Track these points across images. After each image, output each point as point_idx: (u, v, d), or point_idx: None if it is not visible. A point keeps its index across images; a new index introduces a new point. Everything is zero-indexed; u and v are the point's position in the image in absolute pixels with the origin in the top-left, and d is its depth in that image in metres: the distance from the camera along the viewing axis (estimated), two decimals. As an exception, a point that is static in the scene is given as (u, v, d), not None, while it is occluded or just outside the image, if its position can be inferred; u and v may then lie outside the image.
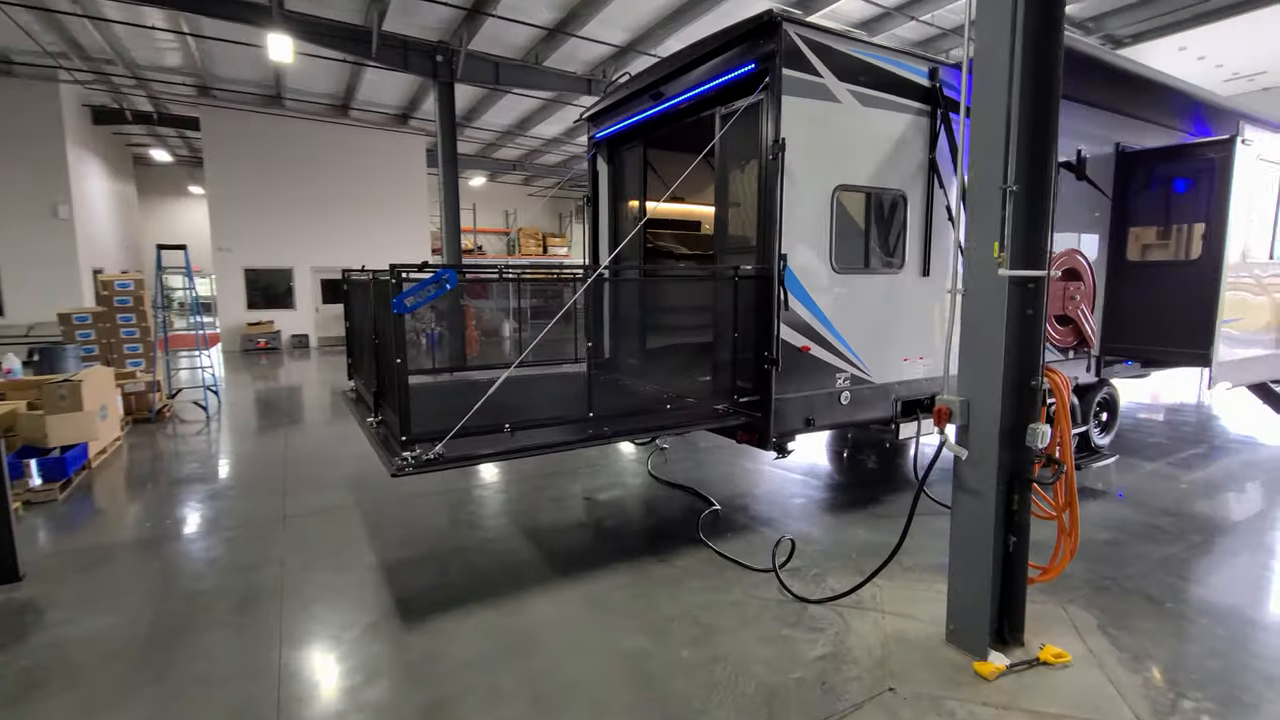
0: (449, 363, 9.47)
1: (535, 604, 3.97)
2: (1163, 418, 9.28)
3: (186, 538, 5.03)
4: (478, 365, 6.16)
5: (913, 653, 3.41)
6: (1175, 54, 12.55)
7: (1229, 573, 4.43)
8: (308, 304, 19.55)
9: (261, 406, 10.52)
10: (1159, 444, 7.71)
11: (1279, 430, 8.13)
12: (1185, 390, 11.02)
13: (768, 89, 4.40)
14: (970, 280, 3.20)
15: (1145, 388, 10.58)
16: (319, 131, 18.89)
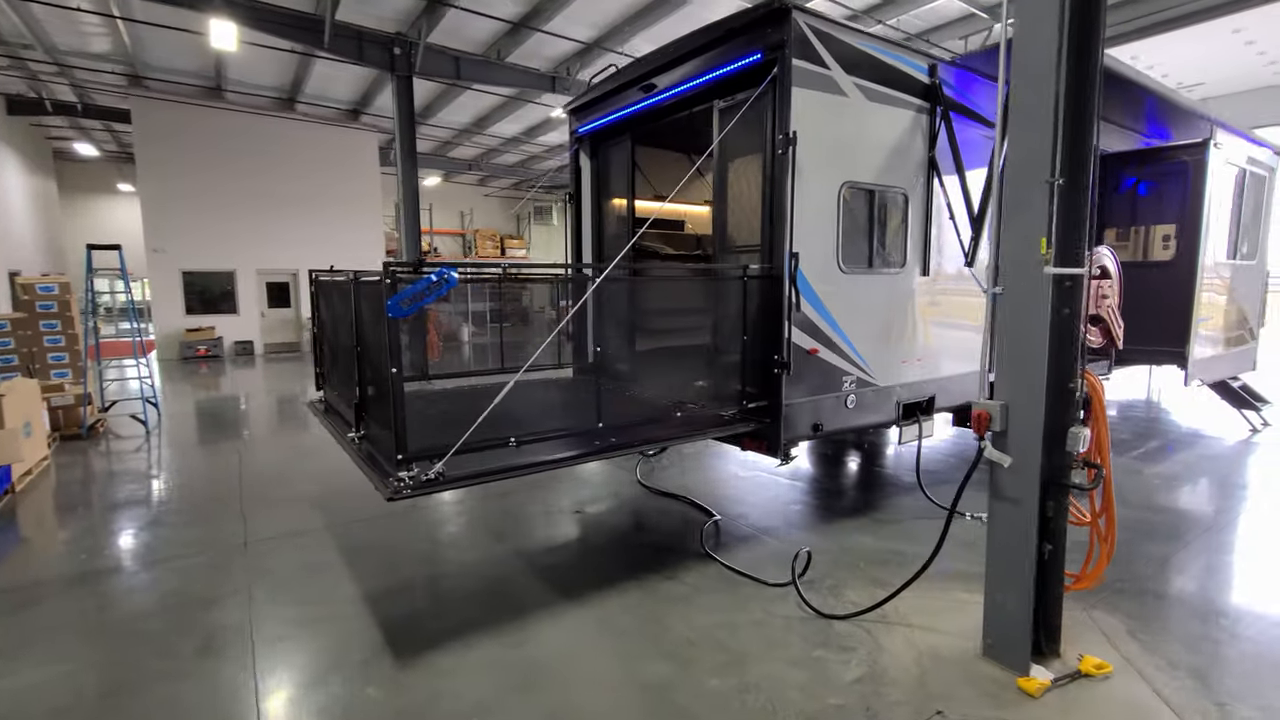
0: (411, 370, 8.95)
1: (540, 632, 3.65)
2: (1116, 413, 9.55)
3: (132, 570, 4.49)
4: (451, 374, 5.75)
5: (950, 670, 3.25)
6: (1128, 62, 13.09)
7: (1231, 570, 4.47)
8: (252, 309, 18.47)
9: (207, 420, 9.75)
10: (1121, 440, 7.87)
11: (1224, 424, 8.45)
12: (1136, 388, 11.44)
13: (775, 80, 4.21)
14: (1008, 279, 3.07)
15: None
16: (264, 126, 17.89)
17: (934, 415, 5.48)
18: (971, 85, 5.37)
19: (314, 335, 5.28)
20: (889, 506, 5.61)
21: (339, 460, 7.30)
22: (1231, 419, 8.55)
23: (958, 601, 3.91)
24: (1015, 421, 3.08)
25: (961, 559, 4.52)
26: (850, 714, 2.93)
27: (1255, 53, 11.91)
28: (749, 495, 6.00)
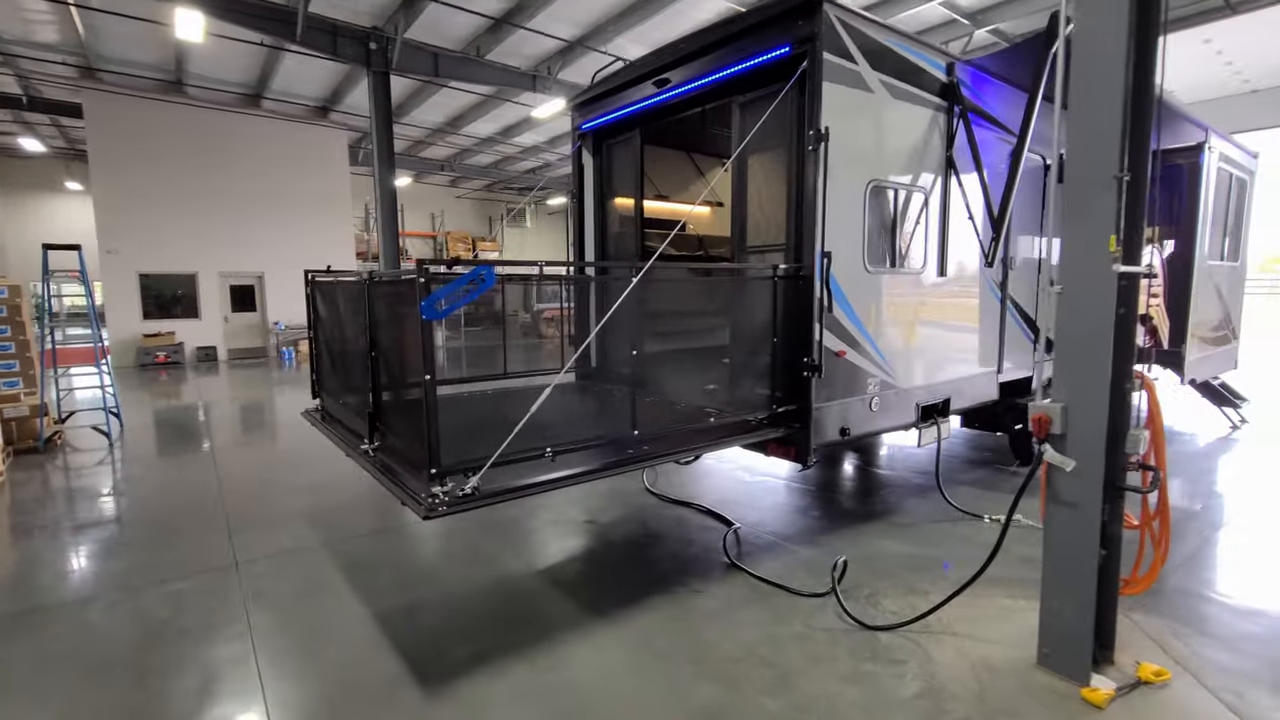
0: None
1: (574, 653, 3.43)
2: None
3: (113, 600, 4.10)
4: (456, 379, 5.47)
5: (1008, 681, 3.15)
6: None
7: (1257, 567, 4.49)
8: (215, 313, 17.68)
9: (174, 430, 9.21)
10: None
11: (1202, 422, 8.67)
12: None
13: (805, 74, 4.08)
14: (1069, 277, 2.98)
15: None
16: (227, 123, 17.17)
17: (950, 417, 5.44)
18: (984, 86, 5.35)
19: (310, 339, 4.94)
20: (905, 510, 5.53)
21: (329, 472, 6.94)
22: (1209, 417, 8.78)
23: (1001, 608, 3.83)
24: (1075, 424, 2.99)
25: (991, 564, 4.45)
26: (917, 734, 2.79)
27: (1223, 62, 12.36)
28: (760, 501, 5.86)
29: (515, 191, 30.33)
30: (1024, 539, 4.87)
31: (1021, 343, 6.19)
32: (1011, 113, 5.65)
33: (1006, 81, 5.56)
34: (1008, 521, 3.35)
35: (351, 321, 3.89)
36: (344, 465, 7.27)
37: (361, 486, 6.50)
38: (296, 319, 18.68)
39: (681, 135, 6.93)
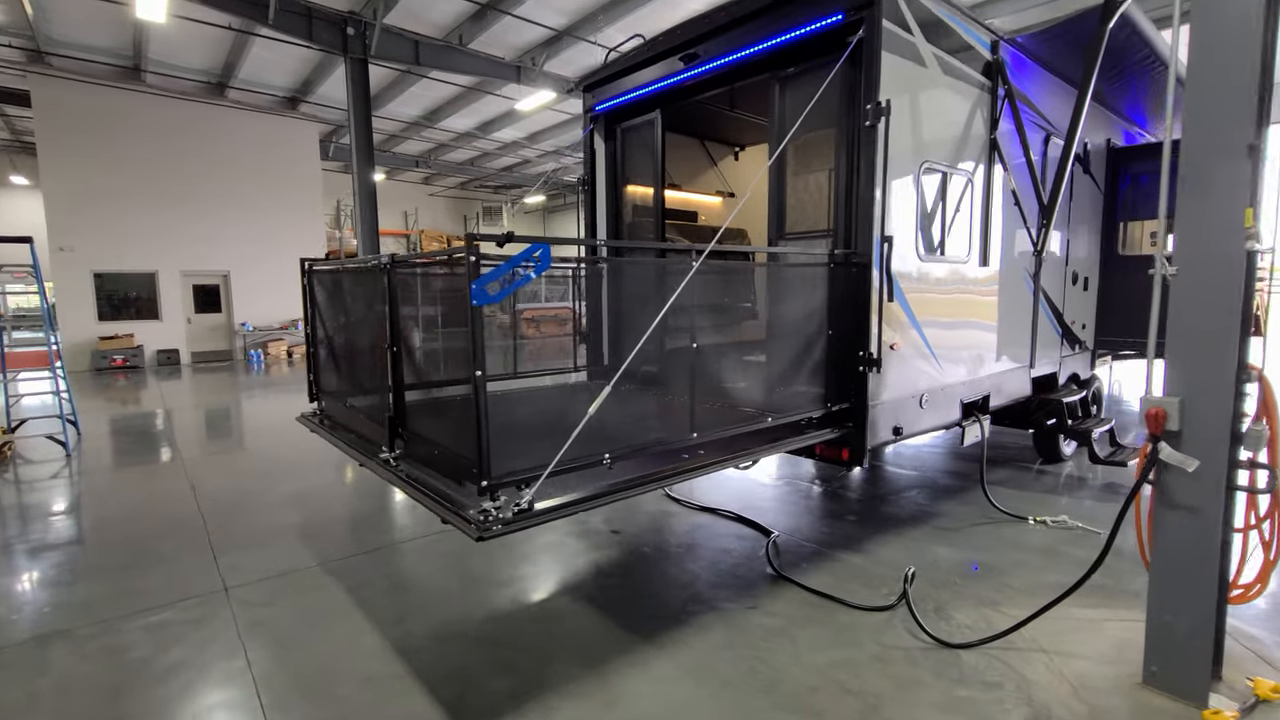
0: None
1: (629, 686, 3.03)
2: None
3: (83, 634, 3.55)
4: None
5: (1116, 704, 2.86)
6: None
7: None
8: (177, 314, 16.73)
9: (136, 439, 8.49)
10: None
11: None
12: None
13: (862, 43, 3.76)
14: (1187, 258, 2.71)
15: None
16: (190, 113, 16.26)
17: (989, 414, 5.18)
18: (1023, 67, 5.12)
19: (307, 336, 4.43)
20: (943, 512, 5.26)
21: (314, 482, 6.41)
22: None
23: (1078, 620, 3.55)
24: (1194, 420, 2.71)
25: (1050, 570, 4.20)
26: (1040, 771, 2.47)
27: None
28: (787, 506, 5.54)
29: (491, 190, 29.66)
30: (1077, 542, 4.65)
31: (1049, 336, 6.00)
32: (1046, 96, 5.44)
33: (1041, 63, 5.35)
34: (1113, 533, 3.04)
35: (367, 313, 3.42)
36: (330, 475, 6.74)
37: (355, 498, 5.99)
38: (264, 320, 17.82)
39: (696, 120, 6.58)
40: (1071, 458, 6.67)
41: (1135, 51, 5.30)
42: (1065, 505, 5.38)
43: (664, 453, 3.13)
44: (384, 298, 3.07)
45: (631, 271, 4.92)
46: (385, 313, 3.08)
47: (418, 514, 5.34)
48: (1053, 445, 6.41)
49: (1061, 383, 6.31)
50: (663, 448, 3.07)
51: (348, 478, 6.66)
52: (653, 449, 3.03)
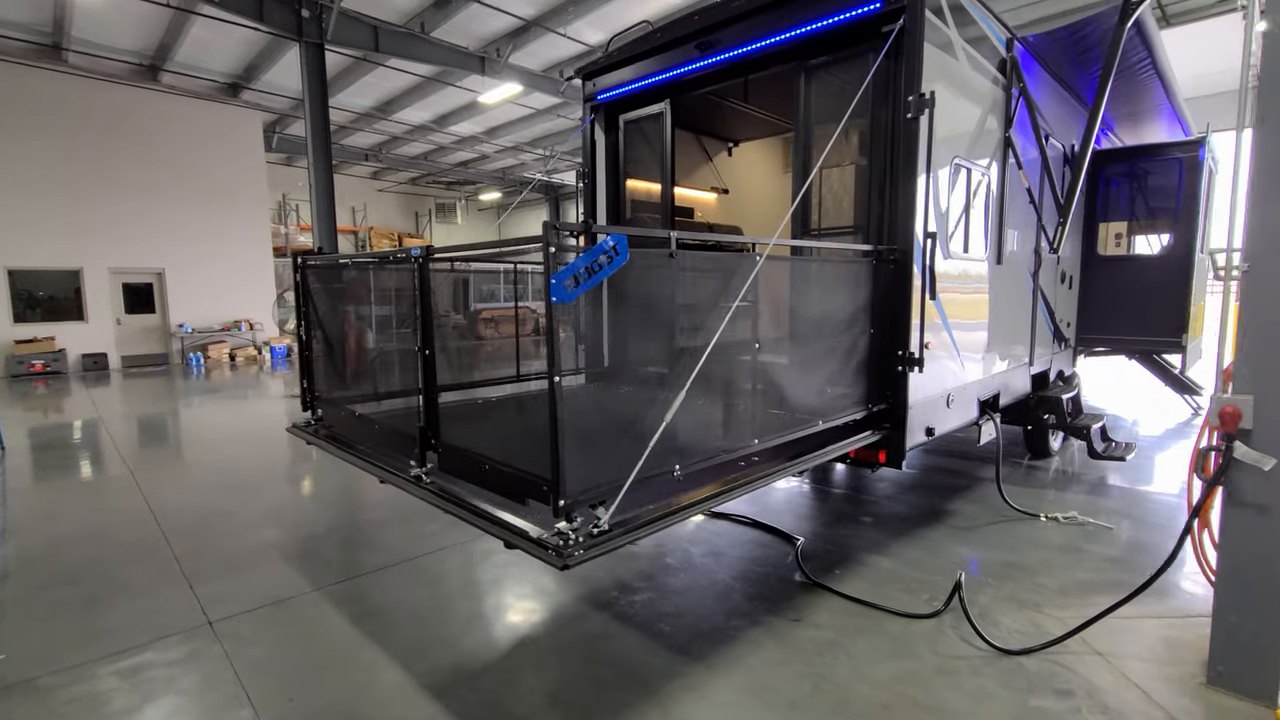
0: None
1: (686, 713, 2.81)
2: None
3: (51, 683, 3.06)
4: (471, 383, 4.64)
5: (1188, 704, 2.82)
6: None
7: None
8: (105, 315, 15.45)
9: (70, 453, 7.69)
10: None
11: (1165, 408, 9.09)
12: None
13: (903, 33, 3.64)
14: (1262, 257, 2.68)
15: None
16: (115, 97, 15.03)
17: (1000, 412, 5.20)
18: (1029, 66, 5.14)
19: (300, 340, 3.99)
20: (957, 511, 5.25)
21: (285, 498, 5.93)
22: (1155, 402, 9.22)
23: (1118, 620, 3.49)
24: (1269, 418, 2.69)
25: (1077, 567, 4.21)
26: (1140, 784, 2.39)
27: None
28: (798, 509, 5.42)
29: (444, 185, 28.76)
30: (1093, 538, 4.70)
31: (1044, 335, 6.10)
32: (1045, 96, 5.50)
33: (1042, 64, 5.40)
34: (1182, 538, 2.99)
35: (391, 312, 3.08)
36: (304, 488, 6.24)
37: (339, 513, 5.53)
38: (204, 321, 16.68)
39: (694, 115, 6.39)
40: (1058, 453, 6.82)
41: (1132, 54, 5.43)
42: (1068, 501, 5.45)
43: (723, 465, 2.92)
44: (415, 295, 2.74)
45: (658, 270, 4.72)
46: (418, 314, 2.74)
47: (413, 529, 4.96)
48: (1043, 442, 6.53)
49: (1052, 380, 6.44)
50: (728, 456, 2.86)
51: (324, 491, 6.17)
52: (716, 458, 2.81)
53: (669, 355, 2.68)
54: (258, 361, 16.76)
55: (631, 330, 3.27)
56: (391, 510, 5.40)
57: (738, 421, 2.98)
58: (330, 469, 6.83)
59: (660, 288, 2.84)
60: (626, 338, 3.24)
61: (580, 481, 2.24)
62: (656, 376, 2.66)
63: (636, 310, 2.95)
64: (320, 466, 6.90)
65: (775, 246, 3.10)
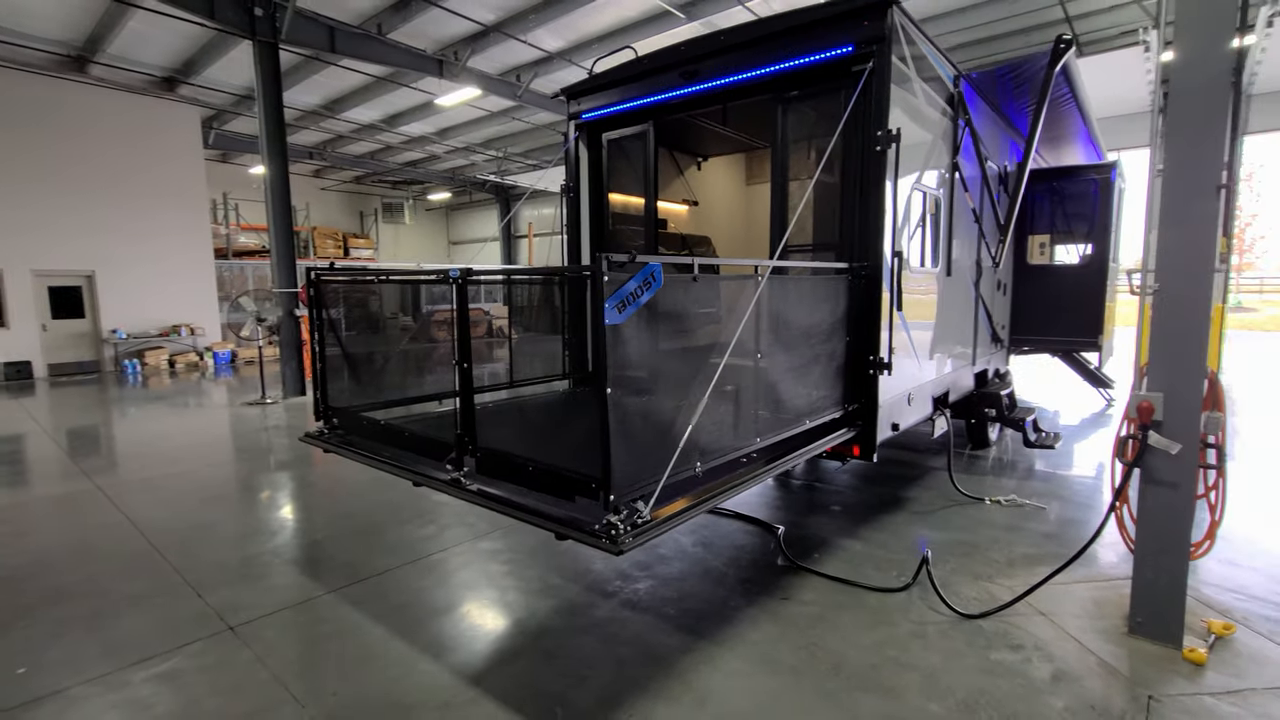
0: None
1: (709, 683, 3.17)
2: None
3: (84, 692, 3.14)
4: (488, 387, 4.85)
5: (1116, 651, 3.38)
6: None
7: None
8: (29, 320, 14.53)
9: (16, 467, 7.37)
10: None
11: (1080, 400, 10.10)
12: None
13: (872, 74, 4.11)
14: (1168, 277, 3.25)
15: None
16: (38, 89, 14.16)
17: (949, 408, 5.80)
18: (973, 102, 5.75)
19: (315, 353, 4.10)
20: (914, 498, 5.81)
21: (278, 504, 5.98)
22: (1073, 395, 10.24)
23: (1054, 585, 4.06)
24: (1174, 410, 3.27)
25: (1019, 543, 4.80)
26: (1081, 714, 2.90)
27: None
28: (770, 501, 5.87)
29: (390, 185, 28.16)
30: (1030, 517, 5.33)
31: (984, 337, 6.78)
32: (984, 125, 6.15)
33: (981, 96, 6.03)
34: (1109, 511, 3.56)
35: (423, 325, 3.29)
36: (287, 495, 6.26)
37: (332, 519, 5.61)
38: (140, 326, 15.90)
39: (668, 132, 6.75)
40: (995, 443, 7.56)
41: (1057, 89, 6.14)
42: (1006, 486, 6.12)
43: (732, 463, 3.29)
44: (455, 311, 2.98)
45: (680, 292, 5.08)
46: (457, 326, 2.99)
47: (410, 532, 5.13)
48: (983, 433, 7.23)
49: (990, 378, 7.15)
50: (736, 454, 3.23)
51: (307, 500, 6.22)
52: (727, 455, 3.18)
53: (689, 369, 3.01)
54: (200, 368, 16.11)
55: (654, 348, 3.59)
56: (381, 513, 5.54)
57: (744, 423, 3.35)
58: (305, 475, 6.85)
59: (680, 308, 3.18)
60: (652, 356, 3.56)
61: (625, 479, 2.56)
62: (676, 384, 2.98)
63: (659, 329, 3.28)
64: (295, 475, 6.90)
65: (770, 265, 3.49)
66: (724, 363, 2.98)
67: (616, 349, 2.48)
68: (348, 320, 4.33)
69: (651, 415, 2.73)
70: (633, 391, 3.04)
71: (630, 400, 2.92)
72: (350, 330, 4.31)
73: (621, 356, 2.53)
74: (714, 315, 3.28)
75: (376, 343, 4.62)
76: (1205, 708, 2.93)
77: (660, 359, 2.90)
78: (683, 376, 2.96)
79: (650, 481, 2.64)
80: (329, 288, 4.19)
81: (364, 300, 4.57)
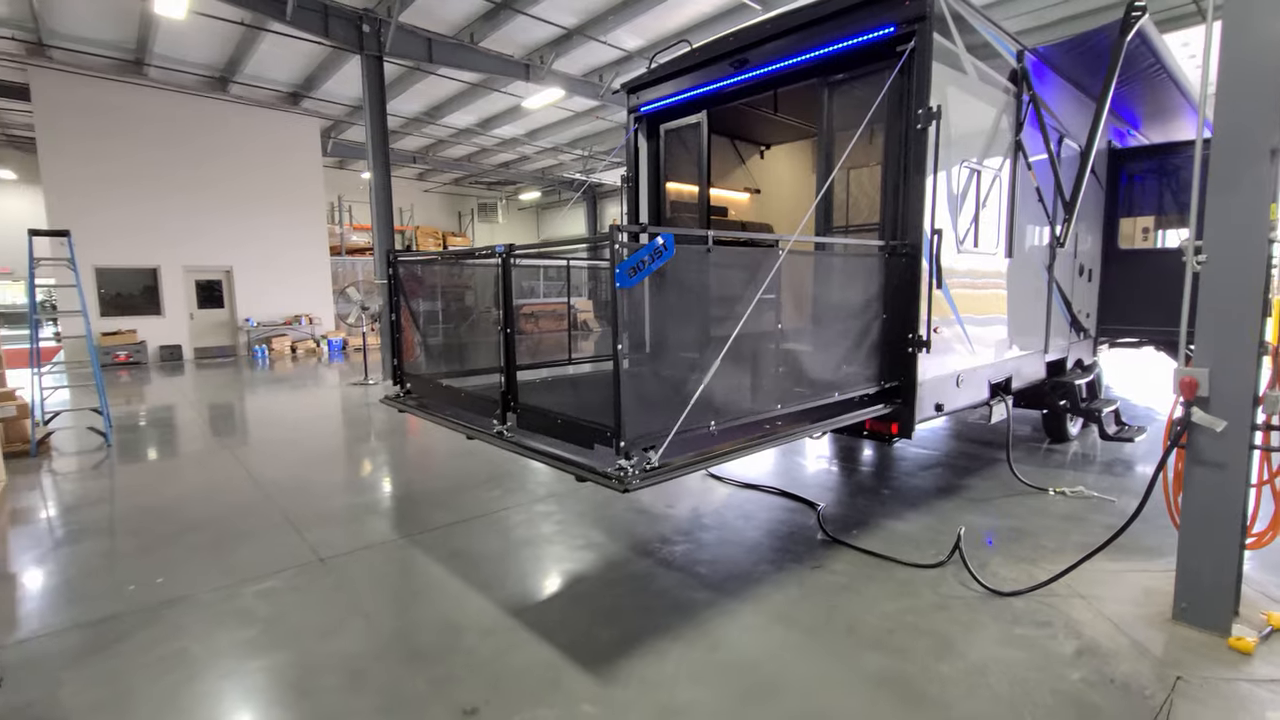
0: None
1: (725, 632, 3.39)
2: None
3: (208, 599, 3.81)
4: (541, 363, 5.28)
5: (1152, 635, 3.28)
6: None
7: None
8: (180, 310, 16.70)
9: (167, 431, 8.64)
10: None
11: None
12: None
13: (913, 54, 4.13)
14: (1217, 247, 3.12)
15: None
16: (192, 108, 16.24)
17: (1011, 395, 5.62)
18: (1042, 74, 5.54)
19: (391, 324, 4.69)
20: (971, 486, 5.69)
21: (366, 467, 6.68)
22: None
23: (1109, 572, 3.97)
24: (1222, 387, 3.13)
25: (1076, 532, 4.64)
26: (1099, 688, 2.88)
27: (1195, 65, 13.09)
28: (822, 482, 5.93)
29: (485, 186, 29.75)
30: (1095, 509, 5.10)
31: (1060, 324, 6.46)
32: (1060, 101, 5.88)
33: (1057, 70, 5.78)
34: (1149, 489, 3.44)
35: (481, 298, 3.73)
36: (375, 460, 7.00)
37: (409, 481, 6.25)
38: (268, 315, 17.85)
39: (729, 121, 6.93)
40: (1077, 437, 7.17)
41: (1142, 60, 5.76)
42: (1078, 478, 5.84)
43: (751, 425, 3.49)
44: (498, 285, 3.37)
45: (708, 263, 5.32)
46: (501, 299, 3.38)
47: (479, 494, 5.64)
48: (1061, 425, 6.89)
49: (1069, 368, 6.79)
50: (754, 418, 3.43)
51: (395, 462, 6.92)
52: (745, 418, 3.38)
53: (708, 335, 3.24)
54: (316, 354, 17.87)
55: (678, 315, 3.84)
56: (456, 478, 6.11)
57: (763, 390, 3.53)
58: (395, 444, 7.61)
59: (700, 278, 3.41)
60: (674, 322, 3.81)
61: (636, 429, 2.84)
62: (697, 354, 3.22)
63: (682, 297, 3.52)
64: (386, 445, 7.68)
65: (802, 241, 3.64)
66: (739, 331, 3.18)
67: (630, 311, 2.75)
68: (444, 309, 4.79)
69: (666, 376, 2.99)
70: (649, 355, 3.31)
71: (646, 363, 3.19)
72: (447, 319, 4.76)
73: (639, 320, 2.79)
74: (738, 287, 3.47)
75: (464, 328, 5.10)
76: (1239, 692, 2.82)
77: (677, 325, 3.15)
78: (700, 342, 3.19)
79: (661, 434, 2.90)
80: (431, 281, 4.73)
81: (461, 294, 5.08)
